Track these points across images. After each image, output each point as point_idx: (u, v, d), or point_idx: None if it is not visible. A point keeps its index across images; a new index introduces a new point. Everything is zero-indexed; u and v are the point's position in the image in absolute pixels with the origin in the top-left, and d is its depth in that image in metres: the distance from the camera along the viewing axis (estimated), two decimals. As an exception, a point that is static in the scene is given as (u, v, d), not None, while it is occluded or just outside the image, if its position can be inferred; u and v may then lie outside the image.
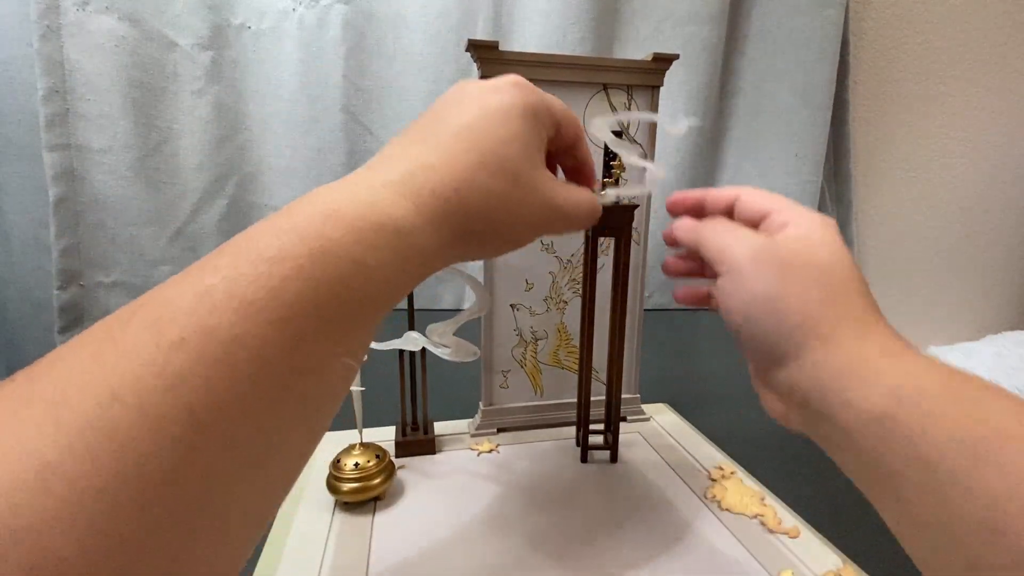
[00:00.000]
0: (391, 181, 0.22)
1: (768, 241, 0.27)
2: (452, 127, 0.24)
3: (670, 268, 0.35)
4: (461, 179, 0.23)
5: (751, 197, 0.29)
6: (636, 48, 0.97)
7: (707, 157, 1.06)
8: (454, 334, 0.37)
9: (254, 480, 0.17)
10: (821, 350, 0.24)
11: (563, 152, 0.30)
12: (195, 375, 0.15)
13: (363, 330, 0.21)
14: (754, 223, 0.29)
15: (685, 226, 0.31)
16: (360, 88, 0.92)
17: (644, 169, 0.36)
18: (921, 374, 0.21)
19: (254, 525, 0.18)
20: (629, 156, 0.36)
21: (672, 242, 0.32)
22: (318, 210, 0.19)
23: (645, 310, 0.50)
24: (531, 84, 0.26)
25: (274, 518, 0.20)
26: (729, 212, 0.30)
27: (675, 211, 0.33)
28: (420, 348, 0.38)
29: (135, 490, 0.14)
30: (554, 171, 0.31)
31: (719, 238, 0.28)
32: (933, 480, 0.19)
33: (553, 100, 0.27)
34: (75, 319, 0.87)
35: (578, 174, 0.32)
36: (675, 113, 0.99)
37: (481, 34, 0.92)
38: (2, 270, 0.90)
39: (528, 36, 0.92)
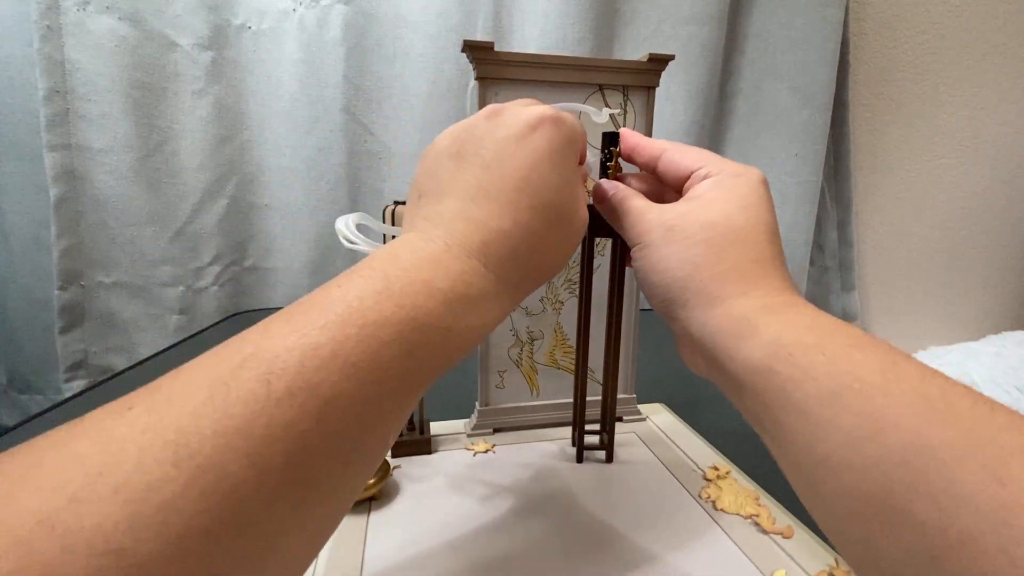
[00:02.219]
0: (473, 250, 0.23)
1: (659, 208, 0.28)
2: (513, 181, 0.24)
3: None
4: (533, 242, 0.24)
5: (673, 156, 0.30)
6: (636, 48, 0.97)
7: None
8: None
9: (316, 522, 0.18)
10: (705, 307, 0.25)
11: None
12: (296, 428, 0.16)
13: (427, 388, 0.22)
14: (679, 181, 0.30)
15: (606, 211, 0.32)
16: (360, 88, 0.93)
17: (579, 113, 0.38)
18: (798, 329, 0.22)
19: (305, 559, 0.19)
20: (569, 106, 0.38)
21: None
22: (412, 277, 0.21)
23: (642, 310, 0.50)
24: (557, 112, 0.27)
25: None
26: (654, 165, 0.32)
27: (624, 147, 0.34)
28: None
29: (233, 533, 0.15)
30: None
31: (624, 221, 0.30)
32: (804, 426, 0.20)
33: (576, 123, 0.28)
34: (76, 319, 0.87)
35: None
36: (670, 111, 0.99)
37: (481, 34, 0.92)
38: (2, 270, 0.91)
39: (528, 36, 0.92)
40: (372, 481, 0.38)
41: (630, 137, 0.33)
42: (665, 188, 0.33)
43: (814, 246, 1.13)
